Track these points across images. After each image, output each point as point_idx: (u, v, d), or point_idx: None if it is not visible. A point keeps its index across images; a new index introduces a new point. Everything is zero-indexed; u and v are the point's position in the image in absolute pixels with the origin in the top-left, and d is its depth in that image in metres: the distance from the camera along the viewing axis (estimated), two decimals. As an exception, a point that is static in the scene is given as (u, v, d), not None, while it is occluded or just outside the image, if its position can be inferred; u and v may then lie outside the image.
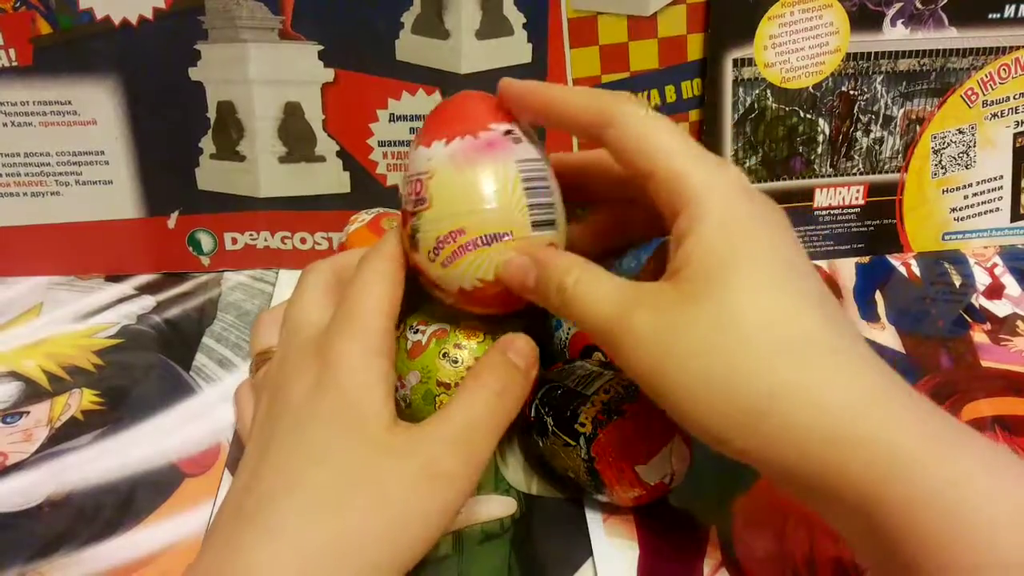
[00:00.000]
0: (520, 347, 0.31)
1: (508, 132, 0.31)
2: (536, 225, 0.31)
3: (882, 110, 0.50)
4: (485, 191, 0.30)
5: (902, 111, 0.50)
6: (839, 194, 0.52)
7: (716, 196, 0.27)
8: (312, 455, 0.27)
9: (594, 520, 0.36)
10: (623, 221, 0.35)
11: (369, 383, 0.28)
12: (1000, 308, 0.49)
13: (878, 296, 0.50)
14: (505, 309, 0.33)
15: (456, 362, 0.34)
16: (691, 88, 0.49)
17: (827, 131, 0.50)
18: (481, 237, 0.30)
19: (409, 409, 0.35)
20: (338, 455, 0.27)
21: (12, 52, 0.45)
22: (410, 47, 0.47)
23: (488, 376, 0.30)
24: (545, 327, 0.41)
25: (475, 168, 0.30)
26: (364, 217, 0.46)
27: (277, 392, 0.30)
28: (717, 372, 0.25)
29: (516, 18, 0.47)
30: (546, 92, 0.31)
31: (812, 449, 0.24)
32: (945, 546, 0.22)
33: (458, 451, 0.28)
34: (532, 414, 0.36)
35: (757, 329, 0.25)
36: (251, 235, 0.51)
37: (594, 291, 0.28)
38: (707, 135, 0.50)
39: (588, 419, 0.34)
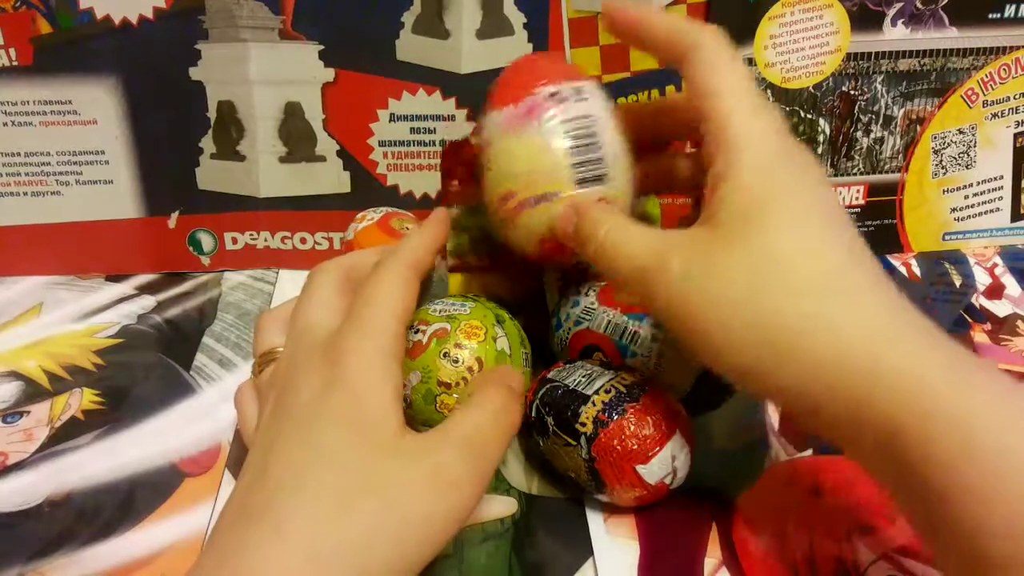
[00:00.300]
0: (512, 375, 0.33)
1: (554, 94, 0.33)
2: (582, 182, 0.33)
3: (882, 110, 0.50)
4: (529, 155, 0.33)
5: (902, 111, 0.50)
6: (839, 194, 0.52)
7: (753, 141, 0.28)
8: (320, 454, 0.27)
9: (595, 520, 0.36)
10: (666, 169, 0.37)
11: (378, 384, 0.28)
12: (1000, 308, 0.49)
13: (878, 296, 0.50)
14: (569, 261, 0.36)
15: (457, 362, 0.34)
16: (691, 88, 0.49)
17: (827, 131, 0.50)
18: (531, 198, 0.33)
19: (410, 409, 0.35)
20: (347, 455, 0.27)
21: (12, 52, 0.45)
22: (410, 47, 0.47)
23: (490, 392, 0.31)
24: (547, 327, 0.41)
25: (519, 134, 0.33)
26: (372, 216, 0.46)
27: (284, 392, 0.30)
28: (750, 311, 0.26)
29: (516, 18, 0.47)
30: (635, 12, 0.32)
31: (838, 384, 0.25)
32: (964, 473, 0.23)
33: (466, 459, 0.28)
34: (533, 414, 0.36)
35: (788, 269, 0.26)
36: (251, 235, 0.51)
37: (626, 240, 0.30)
38: (707, 135, 0.50)
39: (589, 419, 0.34)
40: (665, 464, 0.34)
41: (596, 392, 0.34)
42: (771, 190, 0.27)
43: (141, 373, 0.44)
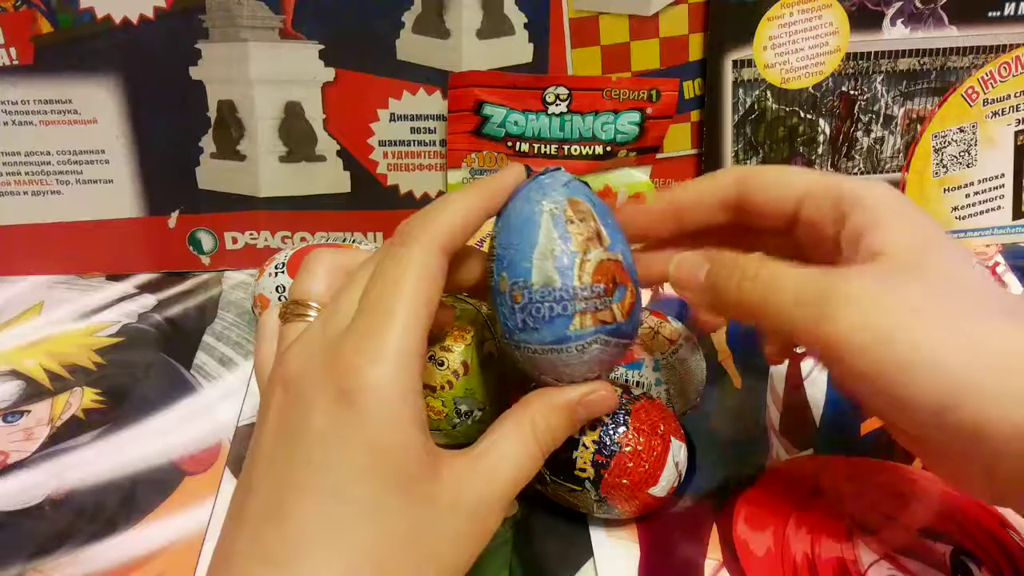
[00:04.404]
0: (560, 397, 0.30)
1: None
2: None
3: (882, 110, 0.50)
4: None
5: (902, 110, 0.50)
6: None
7: (883, 198, 0.29)
8: (351, 509, 0.24)
9: (595, 520, 0.36)
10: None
11: (406, 428, 0.25)
12: (1001, 308, 0.49)
13: (879, 296, 0.50)
14: None
15: (442, 364, 0.34)
16: (693, 88, 0.49)
17: (827, 131, 0.50)
18: None
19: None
20: (381, 511, 0.25)
21: (13, 51, 0.45)
22: (411, 46, 0.47)
23: (523, 435, 0.28)
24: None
25: None
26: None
27: (292, 402, 0.26)
28: (948, 327, 0.26)
29: (517, 18, 0.47)
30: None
31: None
32: None
33: (503, 509, 0.27)
34: None
35: (974, 291, 0.27)
36: (251, 235, 0.51)
37: (785, 272, 0.29)
38: (708, 136, 0.50)
39: (587, 463, 0.33)
40: (671, 473, 0.33)
41: (582, 432, 0.33)
42: (927, 234, 0.29)
43: (142, 372, 0.44)
